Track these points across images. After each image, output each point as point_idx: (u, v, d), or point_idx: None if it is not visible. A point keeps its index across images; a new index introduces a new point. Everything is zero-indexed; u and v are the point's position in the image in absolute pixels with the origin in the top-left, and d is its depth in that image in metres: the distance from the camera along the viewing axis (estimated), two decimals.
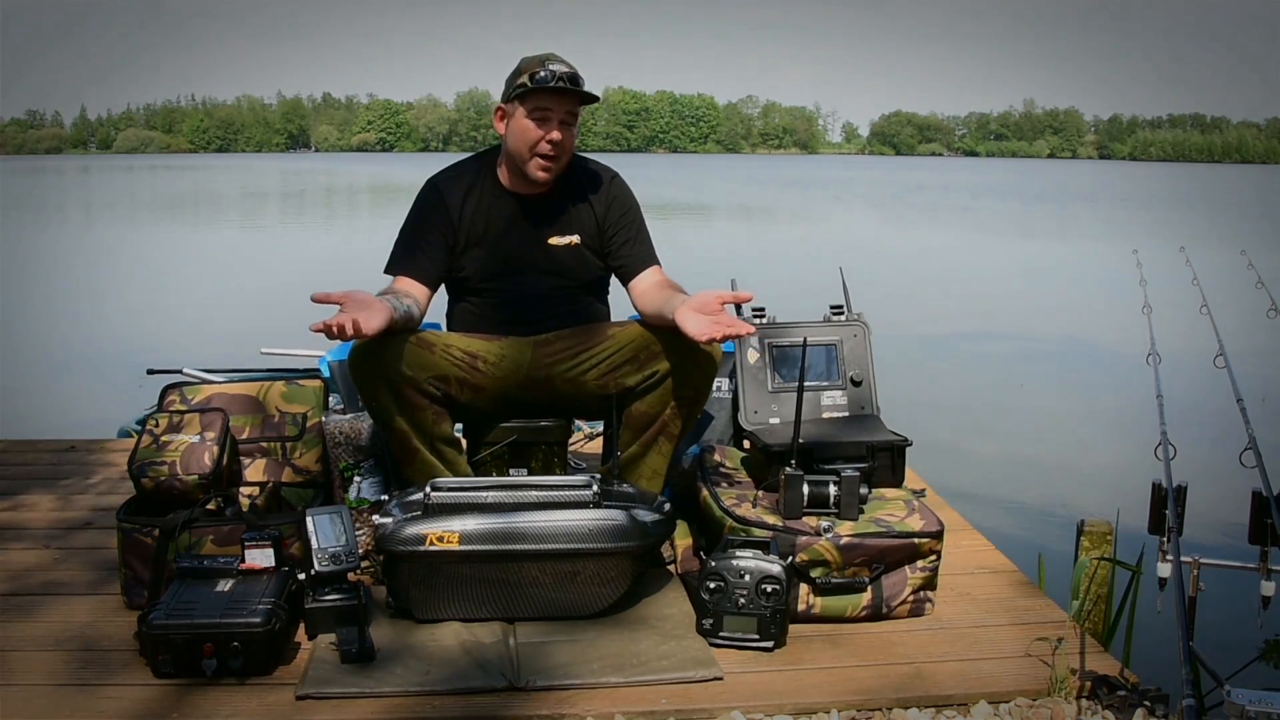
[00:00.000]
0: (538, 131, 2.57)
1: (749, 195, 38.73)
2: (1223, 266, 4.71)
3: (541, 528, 2.23)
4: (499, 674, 2.04)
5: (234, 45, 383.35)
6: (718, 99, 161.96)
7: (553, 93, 2.56)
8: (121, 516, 2.35)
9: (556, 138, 2.57)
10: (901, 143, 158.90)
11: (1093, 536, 2.79)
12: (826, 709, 1.99)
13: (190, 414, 2.55)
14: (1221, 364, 2.76)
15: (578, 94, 2.58)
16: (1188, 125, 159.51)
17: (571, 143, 2.63)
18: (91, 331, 9.55)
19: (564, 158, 2.62)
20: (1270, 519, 2.01)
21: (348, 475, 2.74)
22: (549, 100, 2.57)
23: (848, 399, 2.81)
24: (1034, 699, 2.03)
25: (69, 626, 2.28)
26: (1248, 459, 2.19)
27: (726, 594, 2.18)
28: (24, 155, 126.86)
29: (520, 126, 2.59)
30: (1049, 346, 9.20)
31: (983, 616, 2.39)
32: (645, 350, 2.54)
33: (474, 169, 2.73)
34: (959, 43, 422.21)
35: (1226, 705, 1.53)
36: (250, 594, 2.11)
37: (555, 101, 2.57)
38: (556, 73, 2.55)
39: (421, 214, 2.69)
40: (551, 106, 2.57)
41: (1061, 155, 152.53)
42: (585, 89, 2.59)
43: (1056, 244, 20.13)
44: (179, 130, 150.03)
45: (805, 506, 2.34)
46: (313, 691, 1.98)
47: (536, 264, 2.69)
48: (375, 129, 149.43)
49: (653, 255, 2.73)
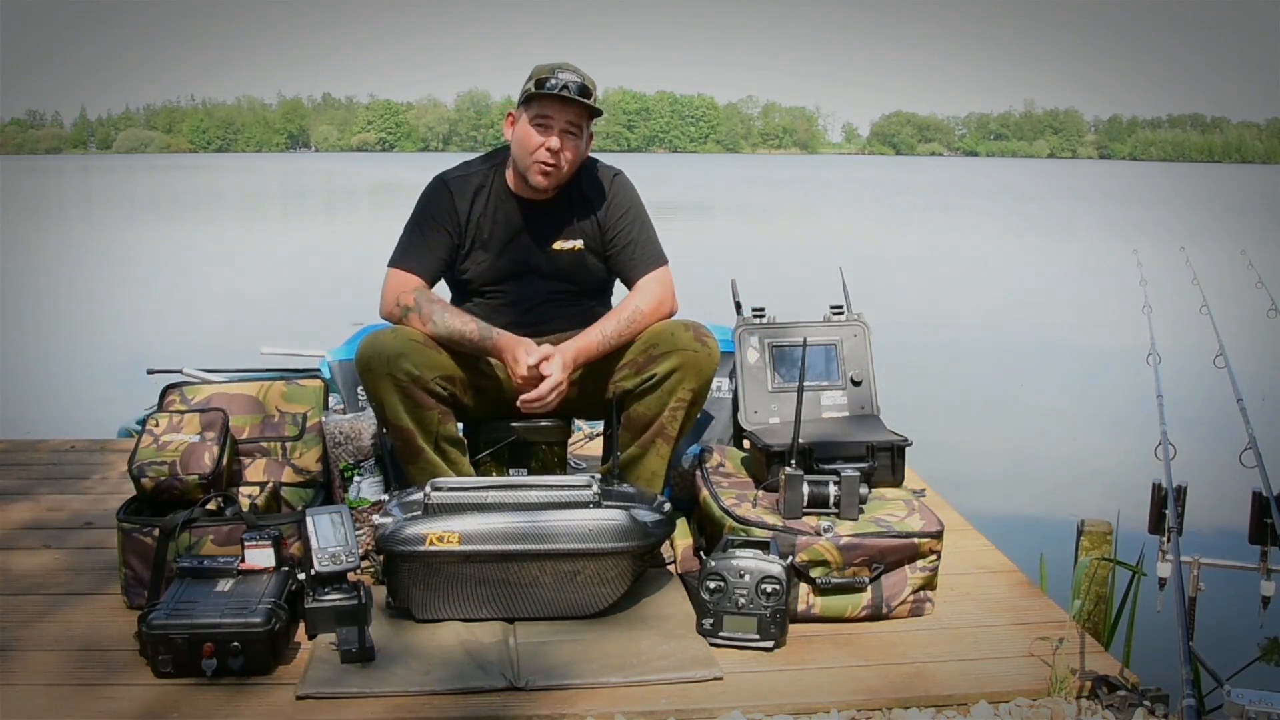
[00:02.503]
0: (538, 139, 2.57)
1: (749, 195, 38.71)
2: (1223, 266, 4.70)
3: (542, 528, 2.23)
4: (499, 674, 2.04)
5: (234, 45, 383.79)
6: (718, 99, 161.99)
7: (556, 101, 2.55)
8: (121, 516, 2.35)
9: (555, 146, 2.56)
10: (901, 143, 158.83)
11: (1093, 537, 2.80)
12: (827, 709, 1.99)
13: (190, 414, 2.55)
14: (1221, 364, 2.76)
15: (581, 105, 2.57)
16: (1188, 125, 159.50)
17: (576, 153, 2.61)
18: (91, 331, 9.54)
19: (566, 167, 2.61)
20: (1270, 519, 2.00)
21: (348, 475, 2.73)
22: (552, 108, 2.56)
23: (848, 399, 2.81)
24: (1034, 699, 2.03)
25: (69, 626, 2.28)
26: (1248, 459, 2.19)
27: (726, 594, 2.18)
28: (24, 155, 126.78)
29: (524, 132, 2.59)
30: (1049, 346, 9.20)
31: (983, 616, 2.39)
32: (645, 353, 2.55)
33: (483, 170, 2.72)
34: (959, 43, 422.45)
35: (1226, 705, 1.53)
36: (250, 594, 2.11)
37: (558, 110, 2.56)
38: (562, 81, 2.54)
39: (429, 212, 2.69)
40: (554, 114, 2.56)
41: (1061, 155, 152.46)
42: (592, 101, 2.57)
43: (1056, 244, 20.12)
44: (179, 130, 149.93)
45: (805, 506, 2.34)
46: (313, 691, 1.98)
47: (540, 269, 2.69)
48: (375, 129, 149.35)
49: (653, 258, 2.71)
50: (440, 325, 2.54)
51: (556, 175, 2.61)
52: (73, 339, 9.15)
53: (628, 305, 2.64)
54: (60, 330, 9.55)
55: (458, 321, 2.55)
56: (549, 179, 2.61)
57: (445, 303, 2.65)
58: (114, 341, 8.95)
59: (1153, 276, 3.51)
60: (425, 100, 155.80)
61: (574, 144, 2.60)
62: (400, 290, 2.60)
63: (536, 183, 2.61)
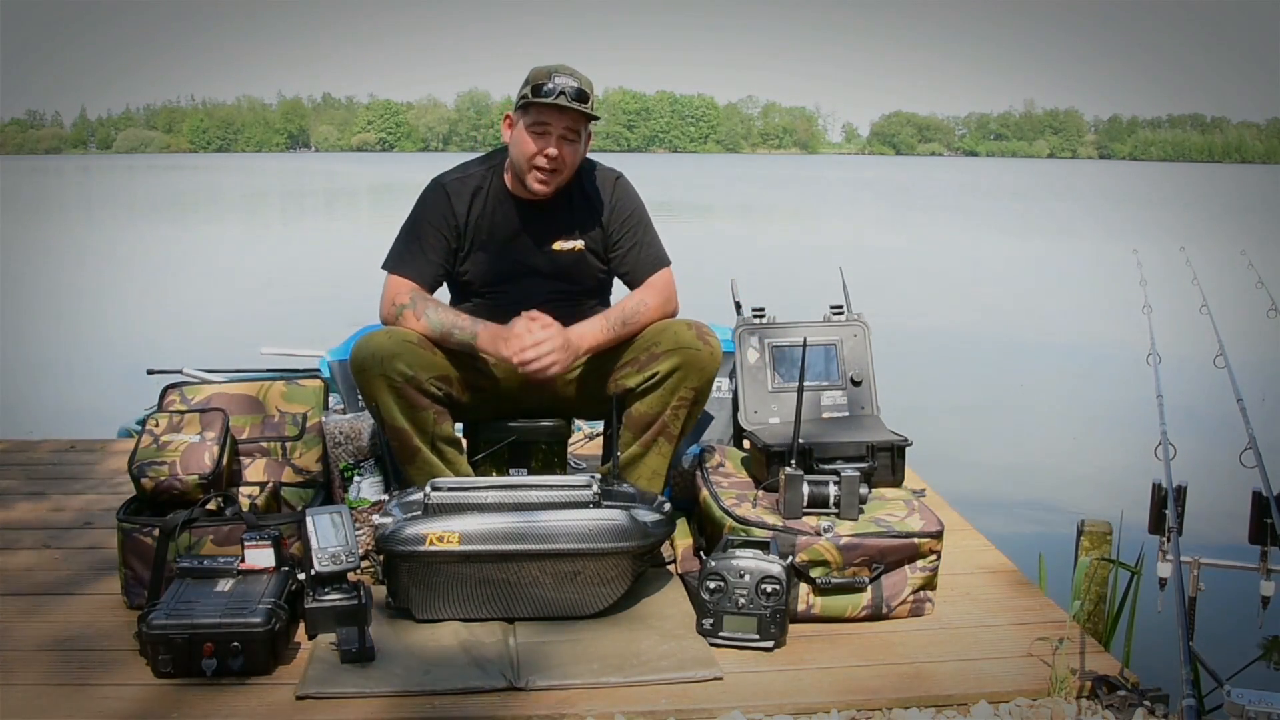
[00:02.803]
0: (536, 145, 2.56)
1: (749, 195, 38.71)
2: (1223, 266, 4.70)
3: (542, 528, 2.23)
4: (499, 674, 2.04)
5: (234, 45, 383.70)
6: (718, 99, 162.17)
7: (553, 107, 2.53)
8: (121, 516, 2.35)
9: (553, 153, 2.55)
10: (901, 143, 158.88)
11: (1093, 536, 2.79)
12: (826, 709, 1.99)
13: (190, 414, 2.55)
14: (1221, 364, 2.76)
15: (578, 111, 2.55)
16: (1188, 125, 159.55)
17: (574, 157, 2.60)
18: (91, 331, 9.54)
19: (565, 171, 2.60)
20: (1270, 519, 2.01)
21: (348, 475, 2.74)
22: (549, 115, 2.54)
23: (847, 399, 2.81)
24: (1034, 699, 2.03)
25: (69, 626, 2.28)
26: (1248, 459, 2.19)
27: (726, 594, 2.18)
28: (24, 155, 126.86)
29: (521, 137, 2.58)
30: (1049, 346, 9.20)
31: (983, 616, 2.39)
32: (646, 351, 2.55)
33: (480, 172, 2.72)
34: (959, 43, 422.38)
35: (1226, 705, 1.53)
36: (250, 594, 2.11)
37: (555, 116, 2.54)
38: (559, 87, 2.51)
39: (425, 216, 2.68)
40: (551, 121, 2.55)
41: (1061, 155, 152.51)
42: (590, 105, 2.55)
43: (1056, 244, 20.12)
44: (179, 130, 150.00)
45: (805, 506, 2.34)
46: (313, 691, 1.98)
47: (540, 269, 2.69)
48: (375, 129, 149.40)
49: (657, 260, 2.72)
50: (434, 320, 2.53)
51: (555, 181, 2.60)
52: (73, 339, 9.15)
53: (632, 299, 2.64)
54: (61, 330, 9.55)
55: (450, 316, 2.55)
56: (548, 185, 2.60)
57: (439, 301, 2.65)
58: (114, 341, 8.95)
59: (1153, 276, 3.50)
60: (425, 100, 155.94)
61: (572, 149, 2.59)
62: (396, 292, 2.60)
63: (535, 189, 2.60)
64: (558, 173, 2.59)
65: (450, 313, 2.57)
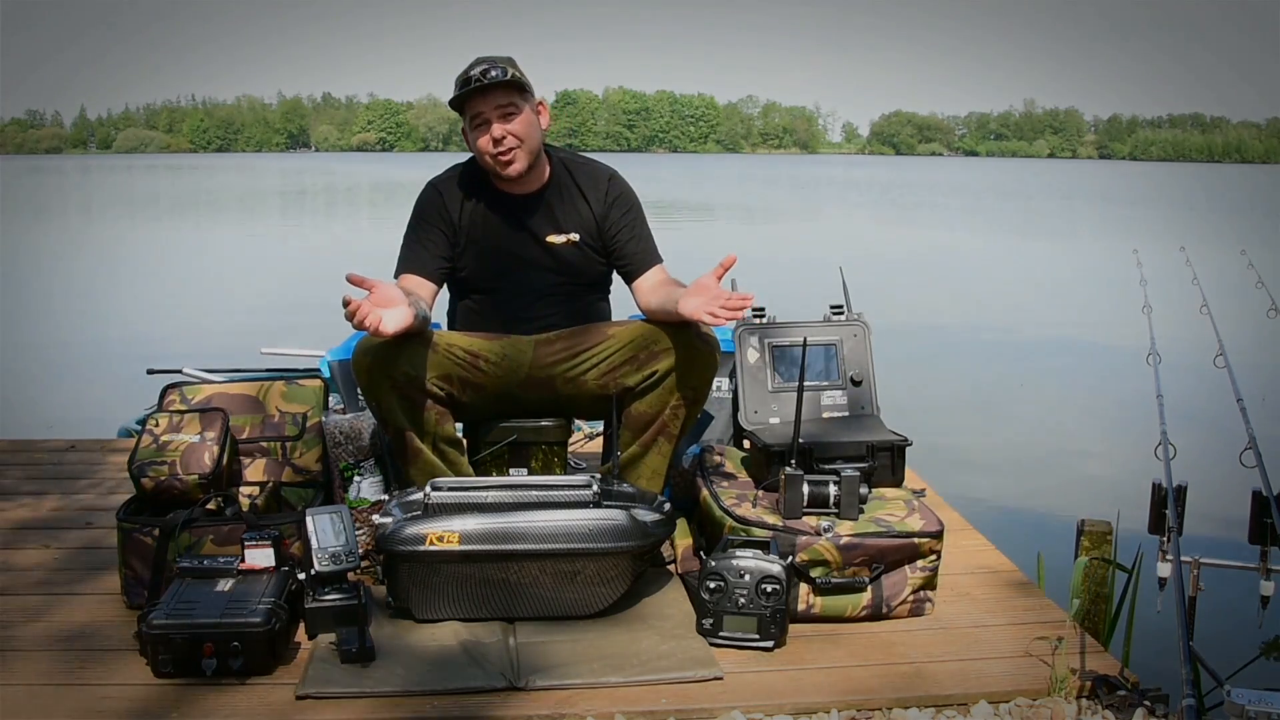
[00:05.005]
0: (481, 137, 2.57)
1: (749, 195, 38.71)
2: (1223, 266, 4.71)
3: (541, 528, 2.23)
4: (499, 674, 2.04)
5: (234, 45, 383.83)
6: (718, 99, 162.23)
7: (475, 95, 2.54)
8: (121, 516, 2.35)
9: (498, 133, 2.55)
10: (901, 143, 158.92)
11: (1092, 536, 2.79)
12: (826, 709, 1.99)
13: (190, 414, 2.55)
14: (1221, 364, 2.76)
15: (500, 85, 2.53)
16: (1188, 125, 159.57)
17: (525, 128, 2.57)
18: (91, 331, 9.54)
19: (522, 145, 2.58)
20: (1270, 519, 2.01)
21: (348, 475, 2.74)
22: (476, 104, 2.56)
23: (848, 399, 2.81)
24: (1034, 699, 2.03)
25: (69, 626, 2.28)
26: (1248, 459, 2.19)
27: (726, 594, 2.18)
28: (24, 155, 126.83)
29: (471, 140, 2.61)
30: (1049, 346, 9.20)
31: (982, 616, 2.39)
32: (645, 350, 2.55)
33: (471, 171, 2.73)
34: (959, 43, 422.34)
35: (1226, 705, 1.53)
36: (250, 594, 2.11)
37: (481, 101, 2.55)
38: (472, 75, 2.53)
39: (423, 215, 2.70)
40: (482, 108, 2.56)
41: (1061, 155, 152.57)
42: (507, 78, 2.52)
43: (1056, 244, 20.12)
44: (179, 130, 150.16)
45: (805, 506, 2.34)
46: (313, 691, 1.98)
47: (535, 262, 2.69)
48: (375, 129, 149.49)
49: (656, 254, 2.74)
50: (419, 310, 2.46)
51: (518, 157, 2.58)
52: (73, 339, 9.15)
53: (678, 284, 2.58)
54: (61, 330, 9.55)
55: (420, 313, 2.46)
56: (513, 165, 2.59)
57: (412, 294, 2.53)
58: (114, 341, 8.95)
59: (1153, 276, 3.51)
60: (425, 100, 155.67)
61: (519, 122, 2.57)
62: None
63: (505, 175, 2.60)
64: (514, 149, 2.57)
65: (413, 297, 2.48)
